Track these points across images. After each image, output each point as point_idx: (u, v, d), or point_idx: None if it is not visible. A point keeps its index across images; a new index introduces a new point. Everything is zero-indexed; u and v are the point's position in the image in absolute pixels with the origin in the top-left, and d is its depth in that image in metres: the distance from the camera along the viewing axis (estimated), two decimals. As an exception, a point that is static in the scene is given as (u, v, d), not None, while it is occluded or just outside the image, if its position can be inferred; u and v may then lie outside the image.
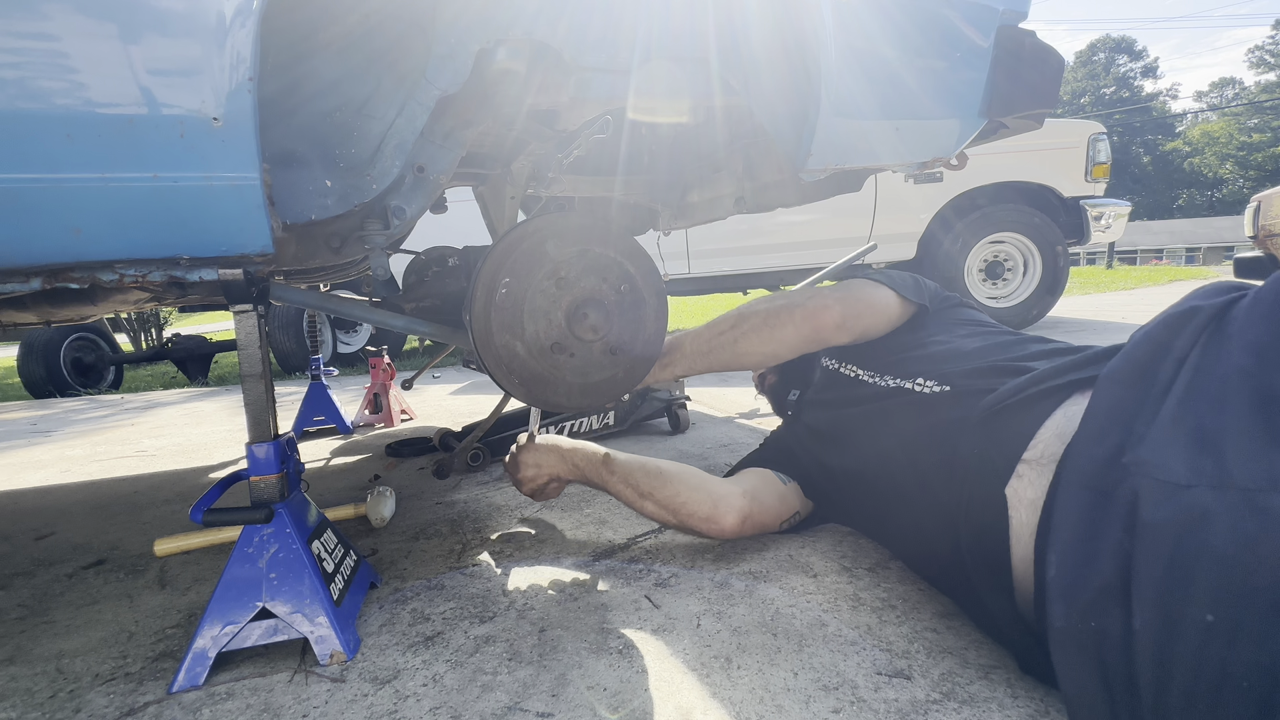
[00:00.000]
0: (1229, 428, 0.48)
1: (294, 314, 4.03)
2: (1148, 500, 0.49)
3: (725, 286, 4.17)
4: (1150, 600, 0.46)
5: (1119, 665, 0.48)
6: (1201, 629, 0.44)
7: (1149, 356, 0.57)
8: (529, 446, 1.09)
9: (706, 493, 0.95)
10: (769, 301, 1.01)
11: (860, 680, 0.66)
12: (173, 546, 1.10)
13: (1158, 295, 6.14)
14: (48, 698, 0.72)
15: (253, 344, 0.76)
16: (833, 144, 0.94)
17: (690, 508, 0.94)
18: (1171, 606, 0.45)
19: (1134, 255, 35.52)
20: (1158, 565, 0.47)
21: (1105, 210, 3.71)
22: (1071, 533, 0.54)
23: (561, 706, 0.64)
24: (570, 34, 0.83)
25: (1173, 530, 0.46)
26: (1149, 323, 0.61)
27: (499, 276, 0.85)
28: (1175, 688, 0.45)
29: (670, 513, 0.95)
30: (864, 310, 0.97)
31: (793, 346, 0.98)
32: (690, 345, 1.04)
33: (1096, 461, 0.55)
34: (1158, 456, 0.50)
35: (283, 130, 0.75)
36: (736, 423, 1.93)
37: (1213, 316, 0.56)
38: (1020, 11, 1.08)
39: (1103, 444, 0.55)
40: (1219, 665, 0.43)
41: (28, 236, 0.58)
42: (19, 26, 0.55)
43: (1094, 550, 0.52)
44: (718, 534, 0.95)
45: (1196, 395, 0.51)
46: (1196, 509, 0.46)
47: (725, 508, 0.93)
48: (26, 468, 2.00)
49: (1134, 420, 0.54)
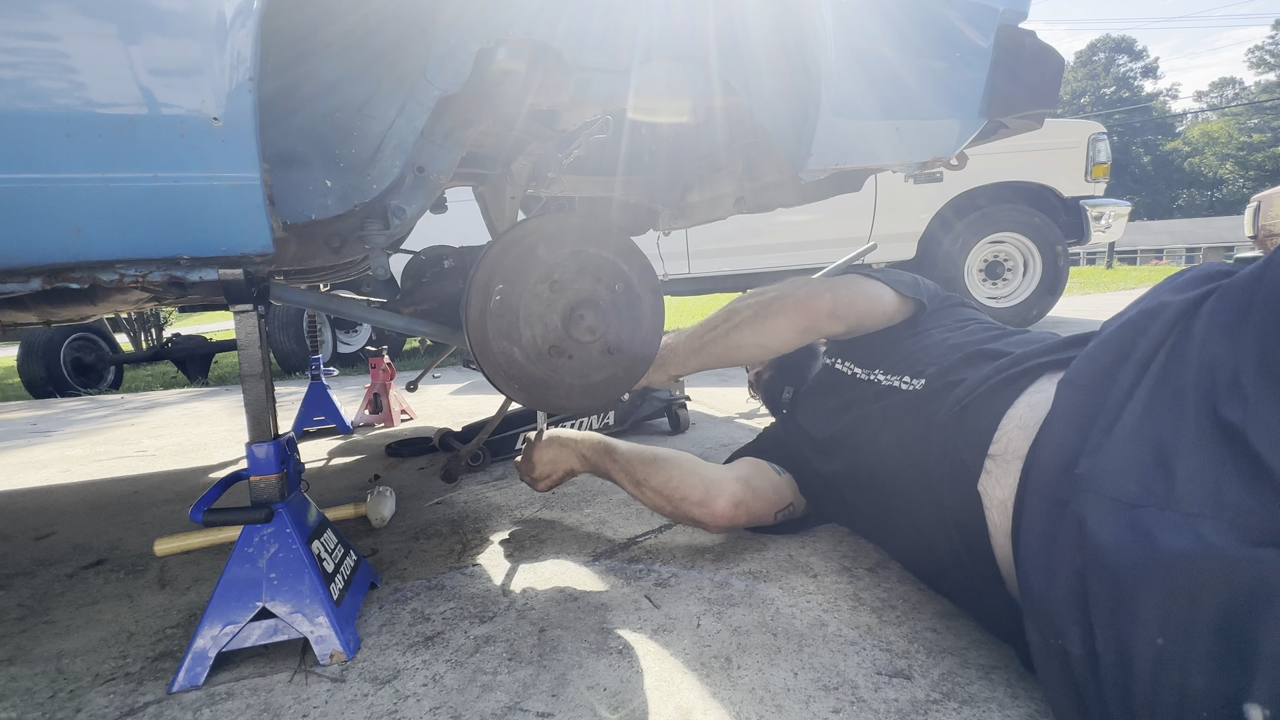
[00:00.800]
0: (1181, 448, 0.46)
1: (294, 314, 4.03)
2: (1095, 518, 0.47)
3: (725, 286, 4.17)
4: (1105, 622, 0.45)
5: (1088, 684, 0.48)
6: (1154, 652, 0.43)
7: (1111, 359, 0.55)
8: (541, 444, 1.09)
9: (699, 477, 0.95)
10: (760, 294, 1.00)
11: (860, 680, 0.66)
12: (173, 546, 1.10)
13: (1158, 295, 6.12)
14: (48, 698, 0.72)
15: (253, 344, 0.76)
16: (833, 144, 0.94)
17: (683, 491, 0.94)
18: (1123, 629, 0.44)
19: (1134, 255, 35.52)
20: (1107, 586, 0.46)
21: (1105, 210, 3.71)
22: (1035, 545, 0.53)
23: (561, 706, 0.64)
24: (570, 34, 0.83)
25: (1119, 551, 0.45)
26: (1117, 316, 0.59)
27: (492, 283, 0.85)
28: (1140, 712, 0.44)
29: (665, 498, 0.95)
30: (856, 298, 0.96)
31: (785, 338, 0.97)
32: (684, 344, 1.04)
33: (1053, 470, 0.53)
34: (1111, 470, 0.48)
35: (283, 130, 0.75)
36: (736, 422, 1.93)
37: (1180, 314, 0.54)
38: (1020, 11, 1.08)
39: (1060, 451, 0.53)
40: (1176, 690, 0.42)
41: (28, 236, 0.58)
42: (19, 26, 0.55)
43: (1053, 566, 0.50)
44: (710, 519, 0.94)
45: (1157, 406, 0.49)
46: (1141, 530, 0.45)
47: (718, 491, 0.93)
48: (26, 468, 2.00)
49: (1091, 427, 0.52)
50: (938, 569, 0.79)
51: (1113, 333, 0.58)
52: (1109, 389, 0.53)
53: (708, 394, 2.42)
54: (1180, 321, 0.53)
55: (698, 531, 1.07)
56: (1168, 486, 0.45)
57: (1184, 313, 0.54)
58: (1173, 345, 0.52)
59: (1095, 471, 0.49)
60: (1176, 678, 0.42)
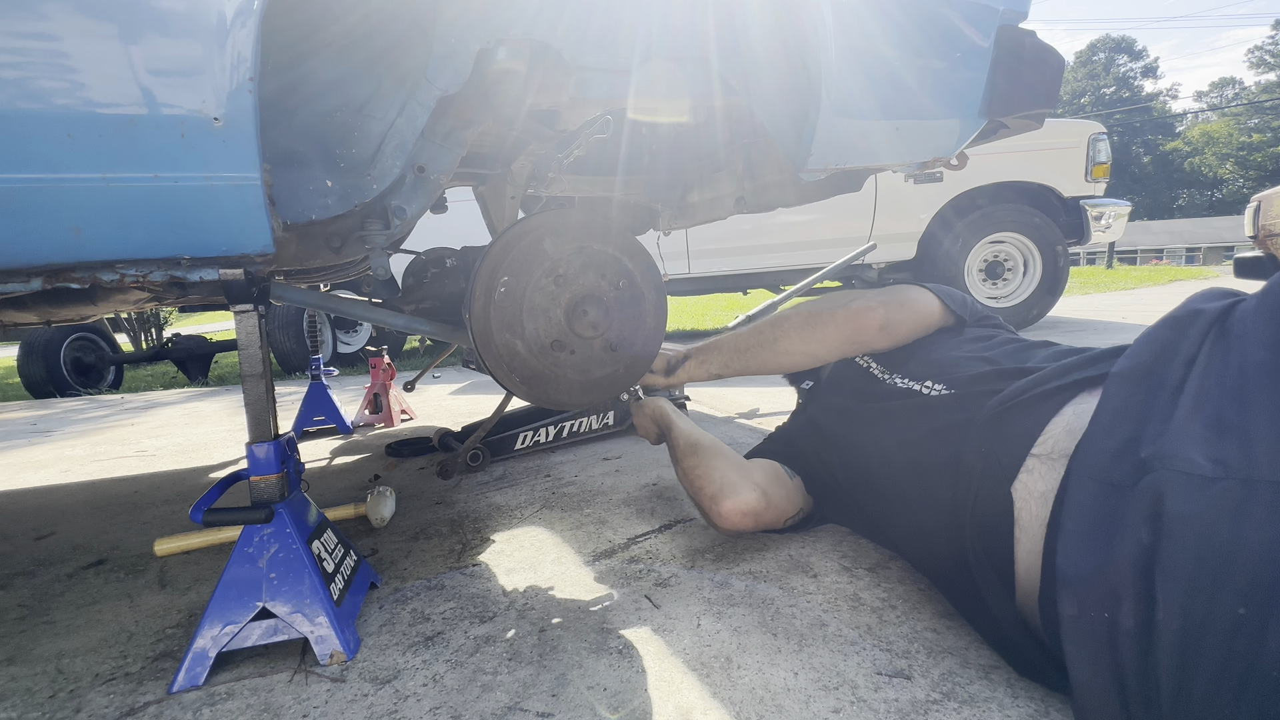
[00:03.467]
0: (1255, 421, 0.48)
1: (294, 314, 4.03)
2: (1174, 494, 0.49)
3: (725, 286, 4.17)
4: (1177, 593, 0.47)
5: (1133, 657, 0.49)
6: (1232, 621, 0.44)
7: (1155, 357, 0.58)
8: (640, 407, 1.18)
9: (721, 474, 0.95)
10: (810, 303, 1.01)
11: (860, 680, 0.66)
12: (173, 546, 1.10)
13: (1158, 295, 6.14)
14: (48, 698, 0.72)
15: (253, 344, 0.76)
16: (833, 144, 0.94)
17: (700, 483, 0.95)
18: (1199, 599, 0.46)
19: (1134, 255, 35.52)
20: (1185, 558, 0.47)
21: (1105, 210, 3.70)
22: (1084, 524, 0.54)
23: (561, 706, 0.64)
24: (570, 34, 0.83)
25: (1201, 524, 0.47)
26: (1153, 325, 0.62)
27: (497, 275, 0.86)
28: (1200, 678, 0.45)
29: (688, 482, 0.97)
30: (907, 316, 0.96)
31: (833, 347, 0.98)
32: (729, 343, 1.04)
33: (1108, 454, 0.55)
34: (1181, 451, 0.50)
35: (283, 130, 0.75)
36: (736, 422, 1.93)
37: (1215, 319, 0.57)
38: (1020, 11, 1.08)
39: (1113, 438, 0.55)
40: (1247, 656, 0.44)
41: (29, 236, 0.58)
42: (19, 26, 0.55)
43: (1108, 542, 0.52)
44: (716, 519, 0.93)
45: (1212, 393, 0.52)
46: (1227, 502, 0.46)
47: (730, 492, 0.92)
48: (26, 468, 2.00)
49: (1147, 418, 0.54)
50: (939, 568, 0.79)
51: (1153, 333, 0.61)
52: (1159, 383, 0.56)
53: (708, 394, 2.42)
54: (1216, 325, 0.57)
55: (698, 532, 1.07)
56: (1246, 459, 0.47)
57: (1219, 317, 0.57)
58: (1213, 341, 0.55)
59: (1166, 451, 0.51)
60: (1253, 644, 0.44)
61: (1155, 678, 0.47)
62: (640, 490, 1.31)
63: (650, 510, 1.19)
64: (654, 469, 1.45)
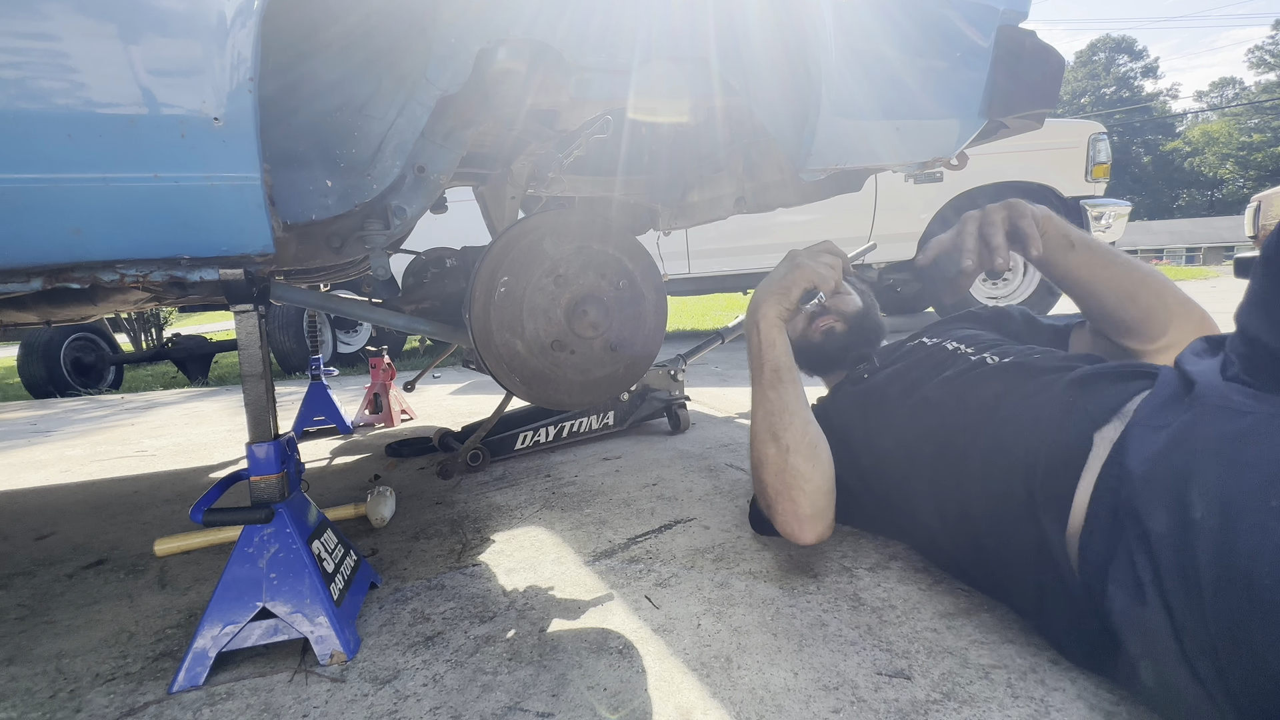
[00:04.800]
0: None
1: (294, 314, 4.03)
2: (1206, 411, 0.57)
3: (725, 286, 4.18)
4: (1213, 490, 0.52)
5: (1170, 557, 0.53)
6: (1265, 514, 0.48)
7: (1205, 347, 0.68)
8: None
9: (815, 488, 0.83)
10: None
11: (860, 680, 0.66)
12: (173, 546, 1.10)
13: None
14: (48, 698, 0.72)
15: (253, 344, 0.76)
16: (833, 144, 0.94)
17: (791, 483, 0.82)
18: (1233, 494, 0.51)
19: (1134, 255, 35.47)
20: (1226, 454, 0.53)
21: (1105, 210, 3.71)
22: (1145, 446, 0.60)
23: (561, 706, 0.64)
24: (570, 34, 0.83)
25: (1235, 422, 0.54)
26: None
27: (497, 275, 0.86)
28: (1231, 570, 0.49)
29: (775, 466, 0.83)
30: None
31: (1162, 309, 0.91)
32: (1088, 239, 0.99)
33: (1166, 398, 0.63)
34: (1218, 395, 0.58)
35: (283, 130, 0.75)
36: (736, 422, 1.93)
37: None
38: (1020, 11, 1.08)
39: (1174, 385, 0.64)
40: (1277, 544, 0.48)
41: (29, 236, 0.58)
42: (19, 26, 0.55)
43: (1162, 457, 0.58)
44: (789, 534, 0.84)
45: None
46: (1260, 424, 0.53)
47: (820, 527, 0.84)
48: (26, 468, 2.00)
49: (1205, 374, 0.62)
50: (984, 526, 0.74)
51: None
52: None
53: (708, 394, 2.42)
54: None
55: (698, 532, 1.07)
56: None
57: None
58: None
59: (1209, 386, 0.59)
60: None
61: (1195, 569, 0.51)
62: (640, 490, 1.31)
63: (650, 510, 1.19)
64: (654, 469, 1.45)
